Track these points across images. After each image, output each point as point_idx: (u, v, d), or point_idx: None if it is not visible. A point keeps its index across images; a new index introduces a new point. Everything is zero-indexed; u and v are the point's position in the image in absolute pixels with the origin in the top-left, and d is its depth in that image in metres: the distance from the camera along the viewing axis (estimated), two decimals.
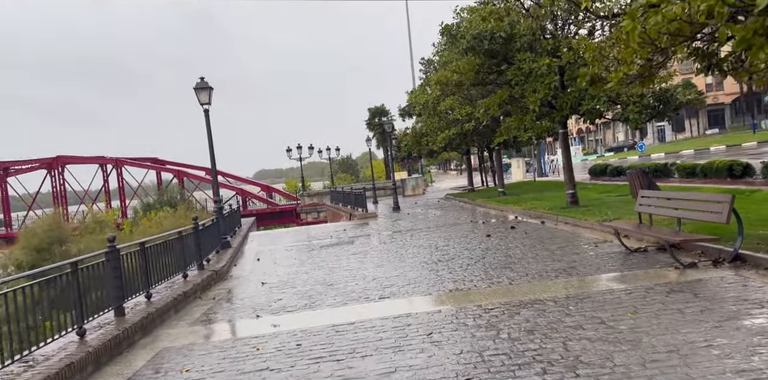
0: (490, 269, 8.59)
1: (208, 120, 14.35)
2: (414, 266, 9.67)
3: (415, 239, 13.63)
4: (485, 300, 6.69)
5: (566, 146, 15.93)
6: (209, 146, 14.44)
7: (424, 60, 30.83)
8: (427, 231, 15.05)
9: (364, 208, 22.74)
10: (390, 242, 13.57)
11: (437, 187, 49.79)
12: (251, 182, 58.97)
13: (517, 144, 29.10)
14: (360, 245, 13.76)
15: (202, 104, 14.18)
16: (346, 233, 17.30)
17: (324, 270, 10.44)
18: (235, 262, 12.95)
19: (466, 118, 22.85)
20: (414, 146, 31.23)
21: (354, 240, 14.86)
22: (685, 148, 50.48)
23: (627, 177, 11.20)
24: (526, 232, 12.44)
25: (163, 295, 8.35)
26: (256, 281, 10.21)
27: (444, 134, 23.80)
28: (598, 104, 13.28)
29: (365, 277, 9.22)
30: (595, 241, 10.16)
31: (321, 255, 12.65)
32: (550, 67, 13.45)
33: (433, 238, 13.40)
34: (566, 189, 16.03)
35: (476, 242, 11.87)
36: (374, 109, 54.78)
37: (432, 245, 12.05)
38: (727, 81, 67.37)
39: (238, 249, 14.94)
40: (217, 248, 13.52)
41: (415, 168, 54.74)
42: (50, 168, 49.58)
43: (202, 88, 14.11)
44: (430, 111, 24.42)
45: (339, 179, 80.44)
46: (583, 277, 7.41)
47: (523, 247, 10.39)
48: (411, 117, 34.28)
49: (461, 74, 14.67)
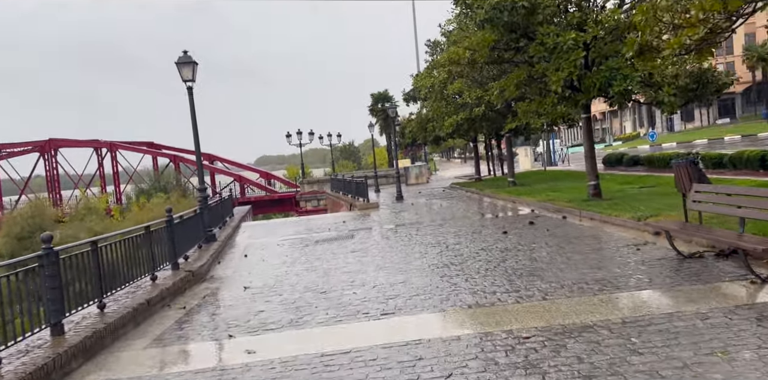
0: (515, 277, 7.15)
1: (191, 99, 12.84)
2: (422, 270, 8.25)
3: (422, 234, 12.20)
4: (516, 323, 5.27)
5: (589, 133, 14.42)
6: (193, 128, 12.95)
7: (431, 42, 29.13)
8: (433, 225, 13.62)
9: (365, 198, 21.31)
10: (393, 238, 12.15)
11: (441, 175, 48.31)
12: (250, 168, 57.50)
13: (528, 131, 27.53)
14: (360, 240, 12.35)
15: (186, 81, 12.66)
16: (346, 225, 15.87)
17: (318, 272, 9.03)
18: (219, 258, 11.55)
19: (475, 102, 21.30)
20: (419, 133, 29.69)
21: (354, 234, 13.44)
22: (697, 138, 48.88)
23: (673, 168, 9.80)
24: (547, 229, 10.99)
25: (121, 304, 6.94)
26: (238, 284, 8.80)
27: (451, 119, 22.25)
28: (630, 84, 11.73)
29: (365, 283, 7.81)
30: (634, 242, 8.71)
31: (316, 252, 11.24)
32: (576, 43, 11.88)
33: (442, 234, 11.97)
34: (587, 180, 14.55)
35: (492, 240, 10.44)
36: (377, 94, 53.01)
37: (441, 243, 10.62)
38: (738, 69, 65.35)
39: (225, 243, 13.54)
40: (200, 242, 12.12)
41: (418, 156, 53.20)
42: (43, 151, 48.13)
43: (185, 63, 12.57)
44: (436, 95, 22.83)
45: (341, 167, 78.88)
46: (636, 292, 5.97)
47: (549, 248, 8.95)
48: (416, 102, 32.66)
49: (475, 51, 13.10)
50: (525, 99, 20.60)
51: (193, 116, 12.91)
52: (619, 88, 11.87)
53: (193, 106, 12.87)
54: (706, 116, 73.45)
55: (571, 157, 41.89)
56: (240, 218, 20.49)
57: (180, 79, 12.64)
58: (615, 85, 11.91)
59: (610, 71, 11.94)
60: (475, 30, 14.01)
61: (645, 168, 23.90)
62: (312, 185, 43.40)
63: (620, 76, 11.86)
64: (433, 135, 29.18)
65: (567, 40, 11.78)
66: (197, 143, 13.13)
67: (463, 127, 22.97)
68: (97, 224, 25.35)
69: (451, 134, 24.70)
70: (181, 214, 10.40)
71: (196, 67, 12.73)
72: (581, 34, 11.89)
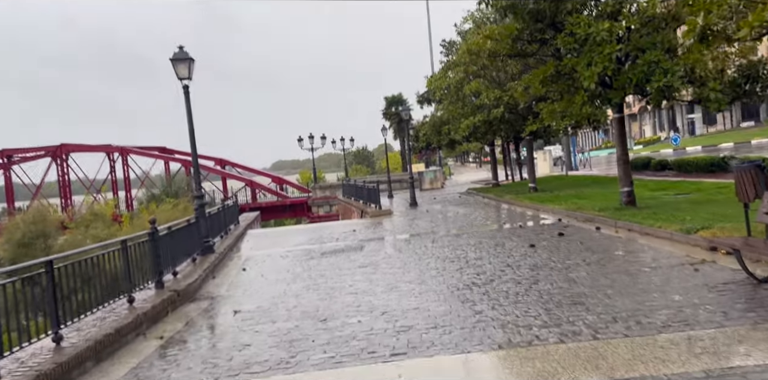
0: (553, 305, 5.94)
1: (187, 98, 11.84)
2: (439, 293, 7.07)
3: (438, 246, 11.02)
4: (564, 374, 4.07)
5: (622, 134, 13.13)
6: (189, 130, 11.93)
7: (446, 42, 28.01)
8: (450, 236, 12.43)
9: (377, 204, 20.18)
10: (407, 250, 10.98)
11: (456, 180, 47.02)
12: (263, 173, 56.70)
13: (549, 134, 26.24)
14: (370, 252, 11.20)
15: (181, 79, 11.67)
16: (356, 234, 14.73)
17: (320, 292, 7.90)
18: (214, 273, 10.47)
19: (493, 103, 20.12)
20: (433, 136, 28.52)
21: (363, 246, 12.29)
22: (722, 141, 47.05)
23: (734, 173, 8.49)
24: (581, 242, 9.74)
25: (83, 336, 5.86)
26: (229, 306, 7.70)
27: (468, 122, 21.05)
28: (671, 80, 10.46)
29: (372, 308, 6.66)
30: (689, 260, 7.44)
31: (321, 267, 10.11)
32: (611, 34, 10.65)
33: (461, 245, 10.78)
34: (620, 186, 13.26)
35: (518, 254, 9.22)
36: (391, 98, 51.94)
37: (460, 258, 9.43)
38: None
39: (225, 255, 12.47)
40: (195, 254, 11.06)
41: (432, 160, 51.98)
42: (54, 156, 47.78)
43: (180, 59, 11.58)
44: (452, 96, 21.68)
45: (354, 171, 77.89)
46: (711, 330, 4.73)
47: (588, 266, 7.71)
48: (430, 104, 31.53)
49: (496, 42, 11.92)
50: (547, 99, 19.41)
51: (189, 118, 11.90)
52: (659, 84, 10.60)
53: (189, 106, 11.86)
54: (729, 119, 71.34)
55: (593, 161, 40.33)
56: (246, 226, 19.47)
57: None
58: (654, 80, 10.65)
59: (648, 65, 10.69)
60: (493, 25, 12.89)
61: (675, 173, 22.44)
62: (324, 190, 42.39)
63: (660, 70, 10.60)
64: (448, 139, 28.01)
65: (600, 31, 10.57)
66: (194, 146, 12.10)
67: (480, 130, 21.75)
68: (102, 231, 24.52)
69: (467, 138, 23.50)
70: (170, 225, 9.34)
71: (192, 64, 11.73)
72: (616, 24, 10.66)
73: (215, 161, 50.36)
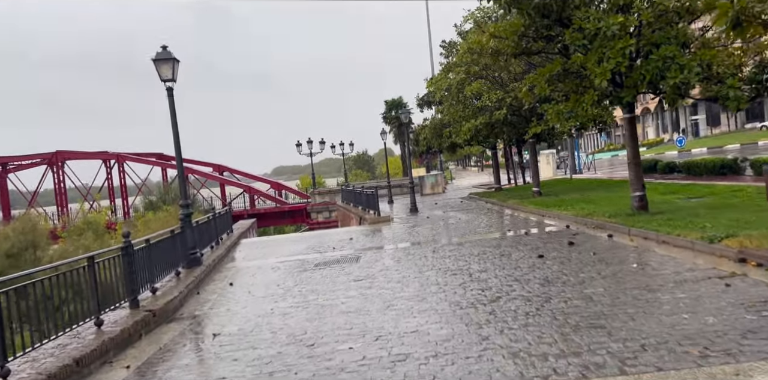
0: (570, 329, 5.23)
1: (171, 101, 11.17)
2: (441, 313, 6.35)
3: (439, 256, 10.31)
4: None
5: (633, 135, 12.43)
6: (174, 135, 11.26)
7: (446, 43, 27.37)
8: (452, 245, 11.71)
9: (376, 210, 19.47)
10: (405, 261, 10.27)
11: (458, 185, 46.32)
12: (261, 179, 56.03)
13: (552, 137, 25.55)
14: (366, 264, 10.49)
15: (165, 81, 11.01)
16: (352, 243, 14.02)
17: (309, 311, 7.19)
18: (200, 288, 9.76)
19: (495, 105, 19.44)
20: (434, 140, 27.83)
21: (360, 256, 11.58)
22: (728, 143, 46.30)
23: (764, 176, 7.84)
24: (594, 252, 9.01)
25: (38, 367, 5.16)
26: (209, 327, 7.00)
27: (470, 124, 20.37)
28: (688, 76, 9.77)
29: (366, 331, 5.95)
30: (717, 273, 6.72)
31: (313, 280, 9.41)
32: (623, 28, 9.98)
33: (463, 256, 10.06)
34: (631, 190, 12.54)
35: (525, 266, 8.50)
36: (391, 101, 51.34)
37: (463, 270, 8.71)
38: None
39: (213, 267, 11.76)
40: (179, 267, 10.37)
41: (433, 164, 51.30)
42: (50, 164, 47.20)
43: (163, 59, 10.92)
44: (453, 98, 21.02)
45: (354, 176, 77.24)
46: (759, 363, 4.01)
47: (605, 281, 6.99)
48: (430, 107, 30.88)
49: (500, 40, 11.25)
50: (551, 100, 18.73)
51: (174, 122, 11.23)
52: (674, 80, 9.91)
53: (173, 110, 11.20)
54: (733, 120, 70.70)
55: (597, 164, 39.57)
56: (240, 235, 18.77)
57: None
58: (669, 77, 9.95)
59: (663, 61, 9.99)
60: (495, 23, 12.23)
61: (683, 176, 21.74)
62: (323, 196, 41.71)
63: (675, 66, 9.90)
64: (449, 142, 27.32)
65: (611, 26, 9.89)
66: (178, 151, 11.42)
67: (482, 132, 21.06)
68: (94, 241, 23.83)
69: (469, 141, 22.80)
70: (149, 237, 8.64)
71: (176, 64, 11.07)
72: (630, 18, 9.98)
73: (213, 167, 49.75)
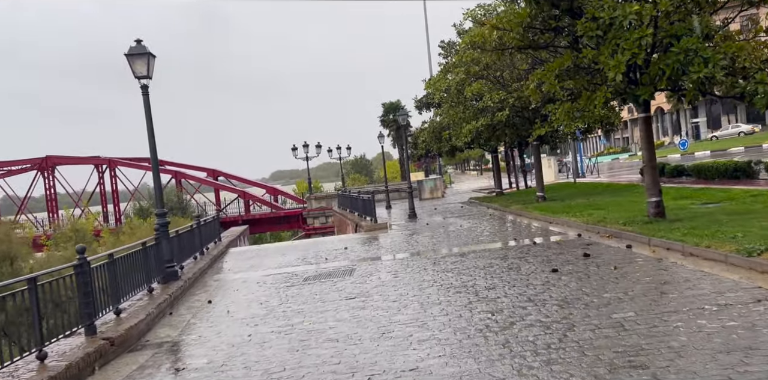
0: (604, 369, 4.26)
1: (147, 101, 10.22)
2: (445, 343, 5.39)
3: (440, 270, 9.35)
4: None
5: (649, 136, 11.50)
6: (149, 136, 10.29)
7: (444, 43, 26.51)
8: (455, 255, 10.76)
9: (372, 217, 18.50)
10: (403, 275, 9.31)
11: (457, 189, 45.40)
12: (257, 184, 55.04)
13: (556, 139, 24.65)
14: (360, 278, 9.52)
15: (139, 77, 10.06)
16: (347, 254, 13.05)
17: (292, 338, 6.22)
18: (174, 307, 8.78)
19: (497, 105, 18.52)
20: (432, 143, 26.91)
21: (353, 269, 10.61)
22: (731, 145, 45.50)
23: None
24: (614, 266, 8.04)
25: None
26: (175, 359, 6.02)
27: (470, 126, 19.45)
28: (713, 71, 8.85)
29: (355, 367, 4.99)
30: (763, 294, 5.77)
31: (300, 298, 8.44)
32: (640, 17, 9.07)
33: (467, 269, 9.10)
34: (647, 195, 11.61)
35: (539, 282, 7.54)
36: (388, 104, 50.55)
37: (468, 287, 7.76)
38: None
39: (194, 281, 10.78)
40: (154, 282, 9.39)
41: (432, 168, 50.38)
42: (41, 169, 46.17)
43: (137, 54, 9.98)
44: (453, 99, 20.10)
45: (352, 181, 76.16)
46: None
47: (633, 303, 6.02)
48: (429, 109, 29.96)
49: (504, 32, 10.33)
50: (557, 101, 17.82)
51: (149, 122, 10.27)
52: (698, 75, 8.99)
53: (149, 110, 10.25)
54: (733, 122, 70.11)
55: (598, 167, 38.63)
56: (229, 243, 17.78)
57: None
58: (692, 71, 9.03)
59: (685, 54, 9.07)
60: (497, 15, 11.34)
61: (693, 179, 20.81)
62: (320, 201, 40.71)
63: (699, 59, 8.99)
64: (449, 145, 26.40)
65: (628, 15, 8.98)
66: (154, 155, 10.45)
67: (483, 135, 20.14)
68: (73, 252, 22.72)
69: (469, 144, 21.89)
70: (112, 252, 7.67)
71: (152, 60, 10.13)
72: (647, 6, 9.07)
73: (208, 172, 48.77)
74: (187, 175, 46.06)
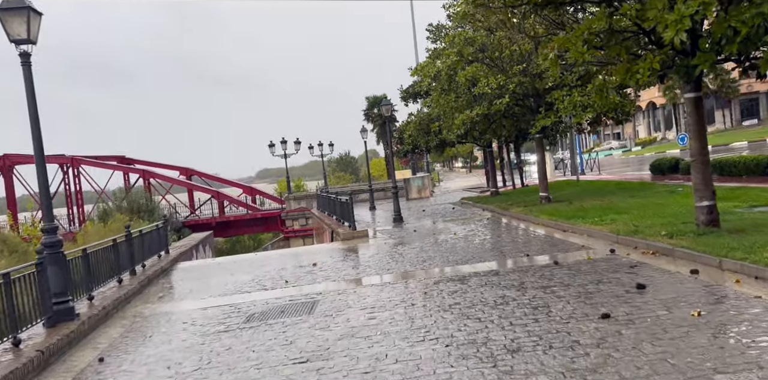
0: None
1: (28, 74, 7.40)
2: None
3: (435, 307, 6.68)
4: None
5: (699, 122, 8.94)
6: (31, 119, 7.46)
7: (432, 26, 23.82)
8: (452, 281, 8.09)
9: (350, 223, 15.78)
10: (383, 313, 6.62)
11: (446, 187, 42.84)
12: (234, 183, 51.88)
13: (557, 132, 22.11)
14: (322, 320, 6.82)
15: (16, 42, 7.25)
16: (313, 274, 10.32)
17: None
18: (41, 373, 6.00)
19: (495, 92, 15.90)
20: (420, 137, 24.24)
21: (316, 301, 7.89)
22: (731, 140, 43.54)
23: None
24: (698, 311, 5.41)
25: None
26: None
27: (463, 116, 16.80)
28: None
29: None
30: None
31: (230, 358, 5.72)
32: None
33: (473, 306, 6.45)
34: (695, 198, 9.06)
35: (589, 341, 4.90)
36: (373, 98, 47.90)
37: (479, 345, 5.10)
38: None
39: (99, 320, 7.97)
40: (37, 323, 6.61)
41: (420, 165, 47.75)
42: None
43: (13, 8, 7.15)
44: (443, 85, 17.43)
45: (337, 179, 73.19)
46: None
47: None
48: (416, 100, 27.27)
49: None
50: (564, 86, 15.23)
51: (31, 102, 7.45)
52: None
53: (31, 86, 7.43)
54: (728, 118, 68.47)
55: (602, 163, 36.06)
56: (180, 255, 14.96)
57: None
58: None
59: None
60: None
61: (716, 176, 18.39)
62: (299, 201, 37.91)
63: None
64: (438, 139, 23.76)
65: None
66: (39, 143, 7.58)
67: (478, 126, 17.52)
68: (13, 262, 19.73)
69: (462, 137, 19.27)
70: None
71: (36, 18, 7.30)
72: None
73: (180, 170, 45.60)
74: (157, 174, 42.90)
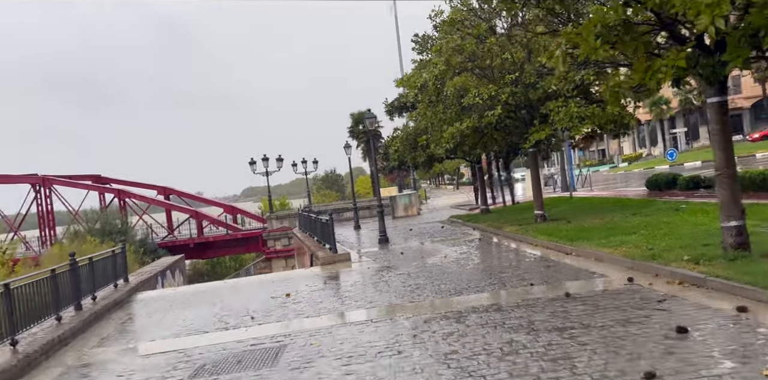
0: None
1: None
2: None
3: (427, 358, 5.36)
4: None
5: (725, 131, 7.82)
6: None
7: (418, 37, 22.89)
8: (447, 319, 6.78)
9: (332, 245, 14.43)
10: (362, 367, 5.29)
11: (433, 205, 41.62)
12: (214, 202, 50.30)
13: (549, 147, 21.12)
14: (286, 374, 5.45)
15: None
16: (285, 308, 8.93)
17: None
18: None
19: (487, 103, 14.81)
20: (406, 152, 23.08)
21: (283, 346, 6.51)
22: None
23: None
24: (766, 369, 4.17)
25: None
26: None
27: (453, 129, 15.67)
28: None
29: None
30: None
31: None
32: None
33: (474, 357, 5.15)
34: (721, 217, 7.88)
35: None
36: (357, 115, 46.81)
37: None
38: (746, 84, 60.27)
39: (20, 374, 6.51)
40: None
41: (406, 182, 46.59)
42: None
43: None
44: (430, 96, 16.34)
45: (323, 197, 71.70)
46: None
47: None
48: (402, 114, 26.19)
49: None
50: (559, 97, 14.22)
51: None
52: None
53: None
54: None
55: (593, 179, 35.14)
56: (142, 282, 13.46)
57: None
58: None
59: None
60: None
61: (712, 192, 17.42)
62: (281, 220, 36.39)
63: None
64: (425, 155, 22.61)
65: None
66: None
67: (469, 140, 16.40)
68: None
69: (452, 151, 18.14)
70: None
71: None
72: None
73: (158, 189, 43.94)
74: (133, 194, 41.19)
